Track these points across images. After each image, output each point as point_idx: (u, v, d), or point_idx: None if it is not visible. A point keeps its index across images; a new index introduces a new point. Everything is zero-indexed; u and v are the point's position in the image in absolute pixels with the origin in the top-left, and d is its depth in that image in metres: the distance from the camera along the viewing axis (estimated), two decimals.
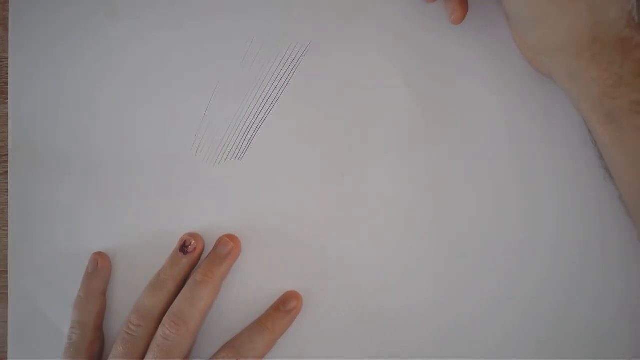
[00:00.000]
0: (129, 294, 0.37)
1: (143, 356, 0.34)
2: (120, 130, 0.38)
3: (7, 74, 0.39)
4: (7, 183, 0.38)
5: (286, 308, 0.36)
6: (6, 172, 0.39)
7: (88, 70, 0.39)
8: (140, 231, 0.38)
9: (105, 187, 0.38)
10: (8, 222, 0.38)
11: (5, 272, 0.38)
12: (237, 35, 0.38)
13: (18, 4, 0.39)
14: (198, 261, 0.37)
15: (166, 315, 0.35)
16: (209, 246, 0.37)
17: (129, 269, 0.38)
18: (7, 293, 0.38)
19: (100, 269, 0.37)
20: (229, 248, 0.36)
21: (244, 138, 0.38)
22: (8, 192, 0.38)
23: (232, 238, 0.37)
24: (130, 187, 0.38)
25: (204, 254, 0.37)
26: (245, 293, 0.37)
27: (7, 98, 0.39)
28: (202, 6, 0.38)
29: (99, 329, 0.37)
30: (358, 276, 0.36)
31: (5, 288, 0.38)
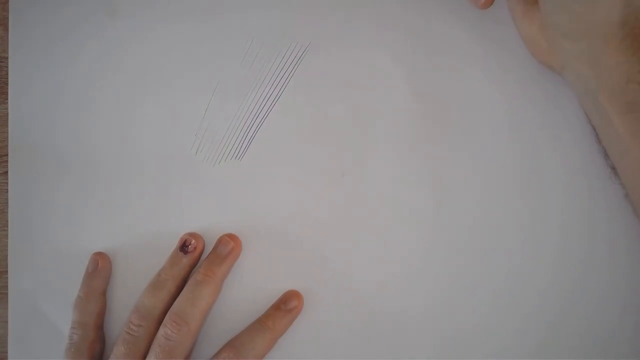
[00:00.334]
0: (129, 294, 0.37)
1: (144, 356, 0.34)
2: (120, 130, 0.38)
3: (7, 74, 0.39)
4: (7, 183, 0.38)
5: (287, 307, 0.36)
6: (6, 172, 0.39)
7: (88, 70, 0.39)
8: (140, 231, 0.38)
9: (105, 187, 0.38)
10: (8, 222, 0.38)
11: (5, 272, 0.38)
12: (237, 35, 0.38)
13: (18, 4, 0.39)
14: (198, 261, 0.37)
15: (167, 315, 0.35)
16: (209, 246, 0.37)
17: (129, 269, 0.38)
18: (7, 293, 0.38)
19: (100, 269, 0.37)
20: (230, 247, 0.36)
21: (244, 138, 0.38)
22: (8, 192, 0.38)
23: (233, 237, 0.37)
24: (130, 187, 0.38)
25: (204, 254, 0.37)
26: (245, 293, 0.37)
27: (7, 98, 0.39)
28: (202, 6, 0.38)
29: (100, 329, 0.37)
30: (358, 276, 0.36)
31: (5, 288, 0.38)
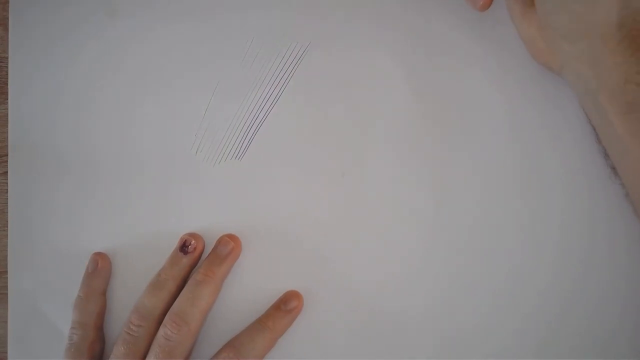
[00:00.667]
0: (129, 294, 0.37)
1: (144, 356, 0.34)
2: (120, 130, 0.38)
3: (7, 74, 0.39)
4: (7, 183, 0.38)
5: (287, 307, 0.36)
6: (6, 172, 0.39)
7: (88, 70, 0.39)
8: (140, 231, 0.38)
9: (105, 187, 0.38)
10: (8, 222, 0.38)
11: (5, 272, 0.38)
12: (237, 35, 0.38)
13: (18, 4, 0.39)
14: (198, 261, 0.37)
15: (167, 315, 0.35)
16: (209, 246, 0.37)
17: (129, 269, 0.38)
18: (7, 293, 0.38)
19: (100, 269, 0.37)
20: (230, 248, 0.36)
21: (244, 138, 0.38)
22: (8, 192, 0.38)
23: (233, 238, 0.37)
24: (130, 187, 0.38)
25: (204, 254, 0.37)
26: (245, 293, 0.37)
27: (7, 98, 0.39)
28: (202, 6, 0.38)
29: (100, 329, 0.37)
30: (358, 276, 0.36)
31: (5, 288, 0.38)
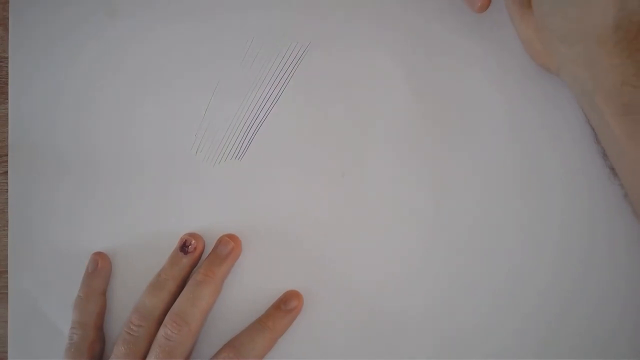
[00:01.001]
0: (129, 294, 0.37)
1: (144, 356, 0.34)
2: (120, 130, 0.38)
3: (7, 74, 0.39)
4: (7, 183, 0.38)
5: (287, 307, 0.36)
6: (6, 172, 0.39)
7: (88, 70, 0.39)
8: (140, 231, 0.38)
9: (105, 187, 0.38)
10: (8, 222, 0.38)
11: (5, 272, 0.38)
12: (237, 35, 0.38)
13: (18, 4, 0.39)
14: (198, 261, 0.37)
15: (167, 315, 0.35)
16: (209, 246, 0.37)
17: (129, 269, 0.38)
18: (7, 293, 0.38)
19: (100, 269, 0.37)
20: (230, 248, 0.36)
21: (244, 138, 0.38)
22: (8, 192, 0.38)
23: (233, 238, 0.37)
24: (130, 187, 0.38)
25: (205, 254, 0.37)
26: (245, 293, 0.37)
27: (7, 98, 0.39)
28: (202, 6, 0.38)
29: (100, 329, 0.37)
30: (358, 276, 0.36)
31: (5, 288, 0.38)
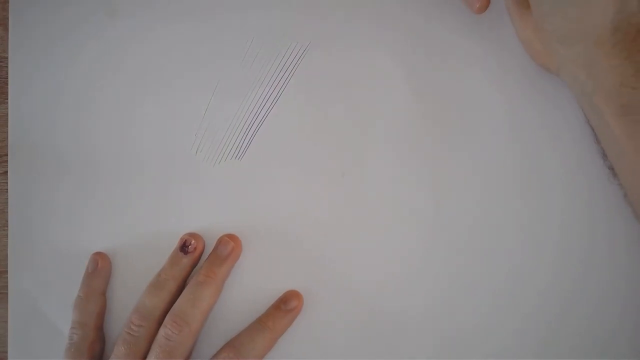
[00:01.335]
0: (129, 294, 0.37)
1: (145, 356, 0.34)
2: (120, 130, 0.38)
3: (7, 74, 0.39)
4: (7, 183, 0.38)
5: (287, 307, 0.36)
6: (6, 172, 0.39)
7: (88, 70, 0.39)
8: (140, 231, 0.38)
9: (105, 187, 0.38)
10: (8, 222, 0.38)
11: (5, 272, 0.38)
12: (237, 35, 0.38)
13: (18, 4, 0.39)
14: (198, 261, 0.37)
15: (168, 315, 0.35)
16: (209, 246, 0.37)
17: (129, 269, 0.38)
18: (7, 293, 0.38)
19: (100, 269, 0.37)
20: (230, 248, 0.36)
21: (244, 138, 0.38)
22: (8, 192, 0.38)
23: (233, 238, 0.37)
24: (130, 187, 0.38)
25: (205, 254, 0.37)
26: (245, 293, 0.37)
27: (7, 98, 0.39)
28: (202, 6, 0.38)
29: (100, 329, 0.37)
30: (358, 276, 0.36)
31: (5, 288, 0.38)
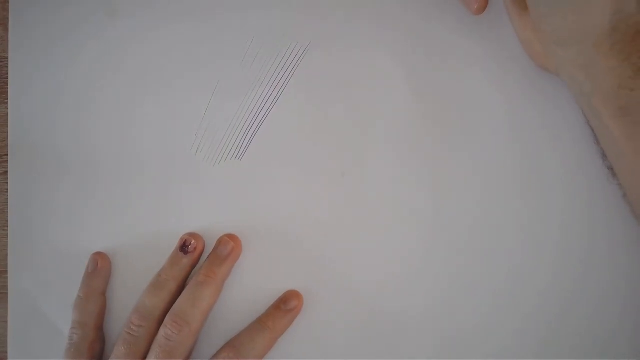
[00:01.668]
0: (129, 294, 0.37)
1: (145, 356, 0.34)
2: (120, 130, 0.38)
3: (7, 74, 0.39)
4: (7, 183, 0.38)
5: (287, 307, 0.36)
6: (6, 172, 0.39)
7: (88, 70, 0.39)
8: (140, 231, 0.38)
9: (105, 187, 0.38)
10: (8, 222, 0.38)
11: (5, 272, 0.38)
12: (237, 35, 0.38)
13: (18, 4, 0.39)
14: (198, 261, 0.37)
15: (168, 315, 0.35)
16: (209, 246, 0.37)
17: (129, 269, 0.38)
18: (7, 293, 0.38)
19: (100, 269, 0.37)
20: (230, 248, 0.36)
21: (244, 138, 0.38)
22: (8, 192, 0.38)
23: (233, 238, 0.37)
24: (130, 187, 0.38)
25: (205, 254, 0.37)
26: (245, 293, 0.37)
27: (7, 98, 0.39)
28: (202, 6, 0.38)
29: (100, 329, 0.37)
30: (358, 276, 0.36)
31: (5, 288, 0.38)
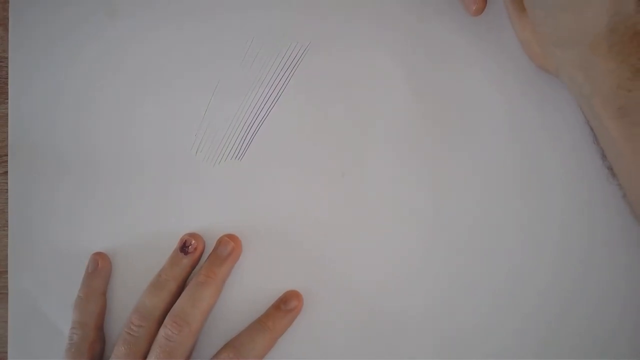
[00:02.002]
0: (129, 294, 0.37)
1: (145, 356, 0.34)
2: (120, 130, 0.38)
3: (7, 74, 0.39)
4: (7, 183, 0.38)
5: (287, 307, 0.36)
6: (6, 172, 0.39)
7: (88, 70, 0.38)
8: (140, 231, 0.38)
9: (105, 187, 0.38)
10: (8, 222, 0.38)
11: (5, 272, 0.38)
12: (237, 35, 0.38)
13: (18, 4, 0.39)
14: (198, 261, 0.37)
15: (168, 315, 0.35)
16: (209, 246, 0.37)
17: (129, 269, 0.38)
18: (7, 293, 0.38)
19: (100, 269, 0.37)
20: (230, 248, 0.36)
21: (244, 138, 0.38)
22: (8, 192, 0.38)
23: (233, 238, 0.37)
24: (130, 187, 0.38)
25: (205, 254, 0.37)
26: (245, 293, 0.37)
27: (7, 98, 0.39)
28: (202, 6, 0.38)
29: (100, 329, 0.37)
30: (358, 276, 0.36)
31: (5, 288, 0.38)
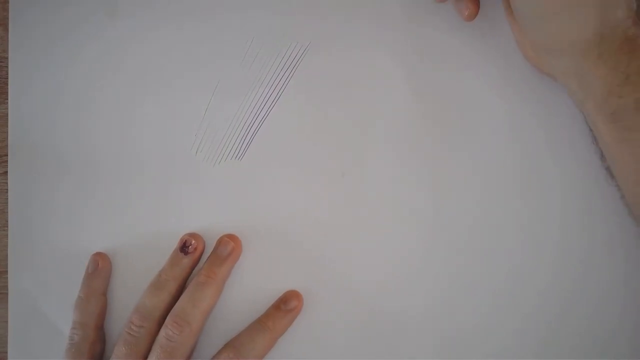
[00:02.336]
0: (130, 295, 0.37)
1: (145, 356, 0.34)
2: (120, 130, 0.38)
3: (7, 74, 0.39)
4: (7, 183, 0.38)
5: (287, 307, 0.36)
6: (6, 172, 0.39)
7: (88, 70, 0.39)
8: (140, 231, 0.38)
9: (105, 187, 0.38)
10: (8, 222, 0.38)
11: (5, 272, 0.38)
12: (237, 35, 0.38)
13: (18, 4, 0.39)
14: (199, 261, 0.37)
15: (169, 316, 0.35)
16: (210, 246, 0.37)
17: (129, 269, 0.38)
18: (7, 293, 0.38)
19: (100, 270, 0.37)
20: (230, 248, 0.36)
21: (244, 138, 0.38)
22: (8, 192, 0.38)
23: (233, 238, 0.37)
24: (130, 187, 0.38)
25: (205, 255, 0.37)
26: (245, 293, 0.37)
27: (7, 98, 0.39)
28: (202, 6, 0.38)
29: (100, 330, 0.37)
30: (358, 276, 0.36)
31: (5, 288, 0.38)
